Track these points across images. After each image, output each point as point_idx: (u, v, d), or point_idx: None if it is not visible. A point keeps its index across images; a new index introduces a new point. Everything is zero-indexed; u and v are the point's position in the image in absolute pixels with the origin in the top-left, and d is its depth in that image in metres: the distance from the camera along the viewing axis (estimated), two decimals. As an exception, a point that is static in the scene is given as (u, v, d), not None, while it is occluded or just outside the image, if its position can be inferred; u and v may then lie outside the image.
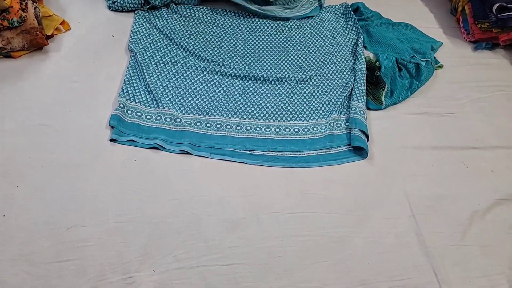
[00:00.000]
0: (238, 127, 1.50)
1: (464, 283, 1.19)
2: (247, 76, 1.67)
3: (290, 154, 1.45)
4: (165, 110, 1.48)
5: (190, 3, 1.94)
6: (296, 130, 1.52)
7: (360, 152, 1.47)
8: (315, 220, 1.28)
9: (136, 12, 1.85)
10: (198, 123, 1.49)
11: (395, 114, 1.63)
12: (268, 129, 1.51)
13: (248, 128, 1.51)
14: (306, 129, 1.53)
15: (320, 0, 2.05)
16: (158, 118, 1.47)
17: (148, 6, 1.86)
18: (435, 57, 1.85)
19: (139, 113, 1.47)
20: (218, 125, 1.49)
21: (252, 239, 1.22)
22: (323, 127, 1.54)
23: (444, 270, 1.20)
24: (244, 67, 1.71)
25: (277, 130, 1.51)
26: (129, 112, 1.46)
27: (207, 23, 1.88)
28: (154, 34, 1.77)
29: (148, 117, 1.47)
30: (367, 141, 1.48)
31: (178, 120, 1.47)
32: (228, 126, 1.50)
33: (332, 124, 1.54)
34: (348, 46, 1.89)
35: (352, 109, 1.56)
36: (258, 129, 1.51)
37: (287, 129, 1.52)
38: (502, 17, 1.82)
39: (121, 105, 1.46)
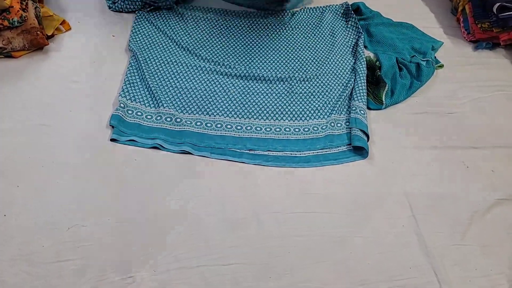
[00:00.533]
0: (239, 127, 1.50)
1: (464, 283, 1.19)
2: (247, 76, 1.67)
3: (291, 154, 1.45)
4: (166, 110, 1.48)
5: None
6: (297, 130, 1.52)
7: (360, 151, 1.47)
8: (315, 220, 1.28)
9: (136, 12, 1.85)
10: (198, 123, 1.49)
11: (395, 114, 1.63)
12: (268, 129, 1.51)
13: (249, 128, 1.51)
14: (306, 129, 1.53)
15: None
16: (158, 118, 1.47)
17: (149, 9, 1.85)
18: (435, 57, 1.85)
19: (139, 113, 1.47)
20: (219, 125, 1.49)
21: (252, 239, 1.22)
22: (324, 127, 1.53)
23: (444, 270, 1.20)
24: (244, 67, 1.71)
25: (278, 130, 1.51)
26: (130, 112, 1.46)
27: (207, 23, 1.88)
28: (155, 34, 1.77)
29: (149, 117, 1.47)
30: (368, 141, 1.48)
31: (178, 120, 1.47)
32: (229, 126, 1.50)
33: (332, 124, 1.54)
34: (349, 45, 1.89)
35: (353, 108, 1.56)
36: (258, 129, 1.51)
37: (287, 129, 1.52)
38: (503, 17, 1.82)
39: (122, 105, 1.46)
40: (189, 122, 1.48)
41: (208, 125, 1.49)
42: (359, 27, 1.95)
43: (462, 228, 1.30)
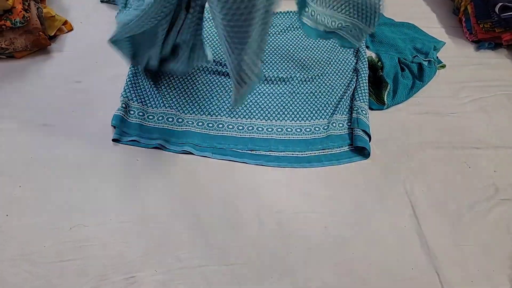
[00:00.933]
0: (240, 127, 1.50)
1: (466, 283, 1.19)
2: (249, 76, 1.67)
3: (292, 154, 1.45)
4: (167, 110, 1.49)
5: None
6: (298, 130, 1.52)
7: (362, 152, 1.47)
8: (317, 220, 1.28)
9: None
10: (200, 123, 1.49)
11: (397, 114, 1.63)
12: (270, 129, 1.51)
13: (250, 128, 1.51)
14: (308, 129, 1.53)
15: None
16: (160, 118, 1.47)
17: None
18: (437, 57, 1.84)
19: (141, 113, 1.48)
20: (220, 125, 1.49)
21: (253, 239, 1.22)
22: (325, 127, 1.53)
23: (446, 270, 1.20)
24: (246, 67, 1.71)
25: (279, 130, 1.51)
26: (131, 112, 1.47)
27: (208, 24, 1.88)
28: (156, 34, 1.77)
29: (150, 117, 1.48)
30: (369, 141, 1.47)
31: (180, 120, 1.47)
32: (230, 126, 1.50)
33: (334, 124, 1.54)
34: (350, 46, 1.89)
35: (354, 109, 1.56)
36: (260, 129, 1.51)
37: (289, 129, 1.52)
38: (505, 17, 1.81)
39: (123, 105, 1.46)
40: (190, 122, 1.48)
41: (210, 125, 1.49)
42: (361, 27, 1.95)
43: (464, 228, 1.30)
